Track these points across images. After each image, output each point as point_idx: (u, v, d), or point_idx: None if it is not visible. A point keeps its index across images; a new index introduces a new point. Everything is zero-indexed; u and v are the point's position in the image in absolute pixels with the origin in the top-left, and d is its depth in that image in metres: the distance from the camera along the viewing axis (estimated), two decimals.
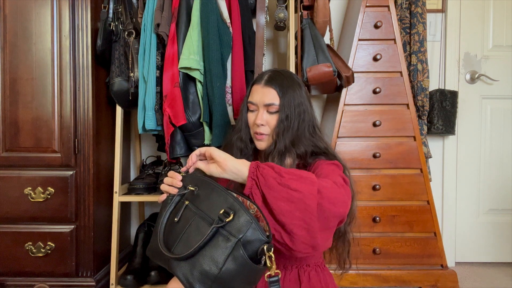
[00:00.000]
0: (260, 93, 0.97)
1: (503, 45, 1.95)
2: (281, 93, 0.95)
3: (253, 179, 0.76)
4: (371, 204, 1.57)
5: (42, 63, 1.39)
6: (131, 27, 1.45)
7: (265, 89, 0.96)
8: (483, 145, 1.97)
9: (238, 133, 1.02)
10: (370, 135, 1.58)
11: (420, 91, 1.74)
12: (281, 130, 0.94)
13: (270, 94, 0.95)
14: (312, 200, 0.72)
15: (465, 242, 1.97)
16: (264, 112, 0.96)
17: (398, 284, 1.56)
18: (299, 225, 0.72)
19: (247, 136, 1.02)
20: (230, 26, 1.37)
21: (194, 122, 1.35)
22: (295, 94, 0.96)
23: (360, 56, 1.59)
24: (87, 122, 1.41)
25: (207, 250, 0.72)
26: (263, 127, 0.96)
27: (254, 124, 0.98)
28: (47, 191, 1.40)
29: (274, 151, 0.94)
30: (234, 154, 1.00)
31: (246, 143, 1.01)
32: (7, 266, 1.41)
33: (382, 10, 1.59)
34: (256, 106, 0.98)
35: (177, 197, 0.83)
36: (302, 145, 0.95)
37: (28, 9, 1.38)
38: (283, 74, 0.99)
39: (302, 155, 0.95)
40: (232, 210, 0.72)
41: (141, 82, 1.40)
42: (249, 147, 1.02)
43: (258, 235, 0.70)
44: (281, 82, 0.96)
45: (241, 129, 1.02)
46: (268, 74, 0.99)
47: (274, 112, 0.95)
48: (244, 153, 1.01)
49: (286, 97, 0.94)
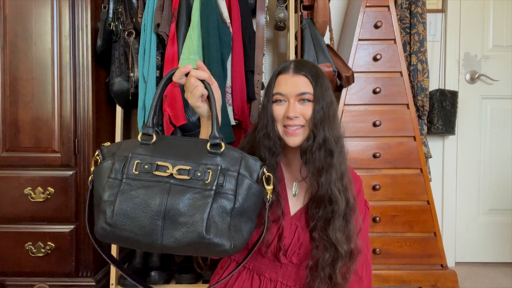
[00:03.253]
0: (290, 82, 0.88)
1: (503, 45, 1.95)
2: (314, 81, 0.87)
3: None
4: (371, 204, 1.57)
5: (42, 63, 1.39)
6: (131, 27, 1.45)
7: (296, 77, 0.88)
8: (483, 145, 1.97)
9: (263, 129, 0.90)
10: (370, 135, 1.58)
11: (420, 91, 1.74)
12: (318, 120, 0.86)
13: (302, 82, 0.87)
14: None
15: (465, 242, 1.97)
16: (296, 103, 0.87)
17: (398, 284, 1.56)
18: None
19: (274, 133, 0.90)
20: (230, 26, 1.37)
21: (194, 122, 1.35)
22: (325, 83, 0.89)
23: (360, 56, 1.59)
24: (87, 122, 1.41)
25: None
26: (297, 119, 0.86)
27: (284, 117, 0.88)
28: (47, 191, 1.40)
29: (313, 144, 0.85)
30: (262, 153, 0.90)
31: (274, 140, 0.90)
32: (7, 266, 1.41)
33: (382, 10, 1.59)
34: (285, 98, 0.88)
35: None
36: (338, 139, 0.88)
37: (28, 9, 1.38)
38: (308, 63, 0.91)
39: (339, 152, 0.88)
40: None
41: (141, 82, 1.40)
42: (277, 144, 0.90)
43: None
44: (311, 70, 0.89)
45: (267, 125, 0.90)
46: (293, 63, 0.91)
47: (308, 102, 0.87)
48: (273, 151, 0.90)
49: (319, 85, 0.87)
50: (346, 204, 0.87)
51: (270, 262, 0.94)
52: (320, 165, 0.86)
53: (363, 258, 0.91)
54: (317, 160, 0.86)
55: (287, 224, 0.92)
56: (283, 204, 0.93)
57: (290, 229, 0.91)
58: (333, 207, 0.85)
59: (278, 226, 0.90)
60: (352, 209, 0.88)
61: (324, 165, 0.86)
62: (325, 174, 0.86)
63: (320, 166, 0.86)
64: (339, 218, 0.86)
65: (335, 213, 0.85)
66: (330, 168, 0.86)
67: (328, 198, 0.86)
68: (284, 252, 0.91)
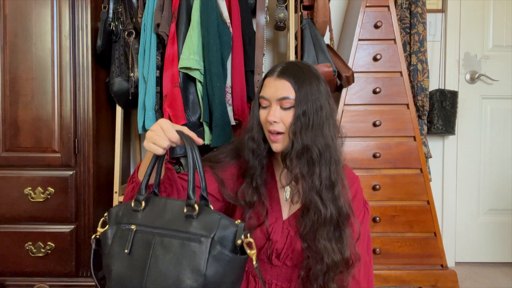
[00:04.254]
0: (273, 86, 0.85)
1: (503, 45, 1.95)
2: (297, 85, 0.83)
3: None
4: (371, 204, 1.57)
5: (42, 63, 1.39)
6: (131, 27, 1.45)
7: (278, 81, 0.85)
8: (483, 145, 1.97)
9: (249, 132, 0.91)
10: (370, 135, 1.58)
11: (420, 91, 1.74)
12: (298, 127, 0.83)
13: (283, 87, 0.84)
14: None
15: (465, 242, 1.97)
16: (277, 107, 0.85)
17: (398, 284, 1.56)
18: None
19: (259, 136, 0.90)
20: (230, 26, 1.37)
21: (194, 122, 1.35)
22: (312, 87, 0.84)
23: (360, 56, 1.59)
24: (87, 122, 1.41)
25: (184, 263, 0.65)
26: (277, 124, 0.85)
27: (266, 121, 0.86)
28: (47, 191, 1.40)
29: (292, 151, 0.83)
30: (246, 155, 0.91)
31: (258, 143, 0.90)
32: (7, 266, 1.41)
33: (382, 10, 1.59)
34: (268, 102, 0.86)
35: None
36: (325, 147, 0.84)
37: (28, 9, 1.38)
38: (298, 66, 0.88)
39: (326, 161, 0.84)
40: (194, 206, 0.68)
41: (141, 82, 1.40)
42: (262, 147, 0.90)
43: (230, 226, 0.67)
44: (296, 74, 0.85)
45: (252, 128, 0.90)
46: (281, 66, 0.88)
47: (289, 108, 0.84)
48: (257, 154, 0.90)
49: (303, 90, 0.83)
50: (338, 214, 0.84)
51: (264, 264, 0.94)
52: (299, 173, 0.84)
53: (362, 262, 0.89)
54: (296, 168, 0.84)
55: (278, 228, 0.91)
56: (275, 207, 0.93)
57: (282, 233, 0.91)
58: (317, 217, 0.83)
59: (263, 230, 0.90)
60: (346, 218, 0.85)
61: (303, 173, 0.84)
62: (305, 182, 0.84)
63: (299, 174, 0.84)
64: (326, 228, 0.84)
65: (320, 222, 0.83)
66: (311, 176, 0.83)
67: (310, 206, 0.84)
68: (276, 255, 0.91)
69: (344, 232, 0.85)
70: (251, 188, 0.90)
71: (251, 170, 0.91)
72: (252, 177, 0.90)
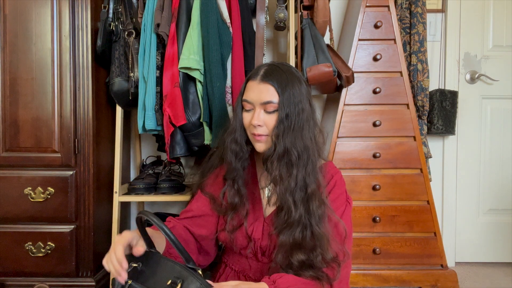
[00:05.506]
0: (256, 90, 0.87)
1: (503, 45, 1.95)
2: (280, 89, 0.85)
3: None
4: (371, 204, 1.57)
5: (42, 63, 1.39)
6: (131, 27, 1.45)
7: (262, 85, 0.86)
8: (483, 145, 1.97)
9: (232, 134, 0.93)
10: (370, 135, 1.58)
11: (420, 91, 1.74)
12: (281, 131, 0.85)
13: (267, 91, 0.86)
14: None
15: (465, 242, 1.97)
16: (261, 111, 0.87)
17: (398, 284, 1.56)
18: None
19: (242, 138, 0.92)
20: (230, 26, 1.37)
21: (194, 122, 1.35)
22: (295, 90, 0.86)
23: (360, 56, 1.59)
24: (87, 122, 1.41)
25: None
26: (261, 128, 0.87)
27: (250, 125, 0.89)
28: (47, 191, 1.40)
29: (273, 154, 0.86)
30: (228, 157, 0.93)
31: (241, 145, 0.92)
32: (7, 266, 1.41)
33: (382, 10, 1.59)
34: (252, 105, 0.88)
35: None
36: (303, 149, 0.86)
37: (28, 9, 1.38)
38: (281, 68, 0.89)
39: (303, 162, 0.87)
40: (180, 278, 0.69)
41: (141, 82, 1.40)
42: (244, 150, 0.93)
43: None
44: (279, 77, 0.86)
45: (235, 130, 0.92)
46: (264, 69, 0.90)
47: (272, 112, 0.86)
48: (240, 156, 0.93)
49: (286, 94, 0.85)
50: (309, 214, 0.86)
51: (253, 262, 0.96)
52: (278, 175, 0.86)
53: None
54: (275, 170, 0.86)
55: (259, 226, 0.94)
56: (256, 206, 0.95)
57: (264, 231, 0.93)
58: (288, 216, 0.85)
59: (242, 230, 0.93)
60: (320, 217, 0.86)
61: (282, 174, 0.86)
62: (282, 184, 0.86)
63: (278, 175, 0.86)
64: (297, 228, 0.85)
65: (290, 222, 0.85)
66: (288, 178, 0.86)
67: (285, 208, 0.86)
68: (262, 253, 0.93)
69: (317, 231, 0.85)
70: (233, 190, 0.93)
71: (233, 173, 0.93)
72: (234, 179, 0.93)
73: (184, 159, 1.86)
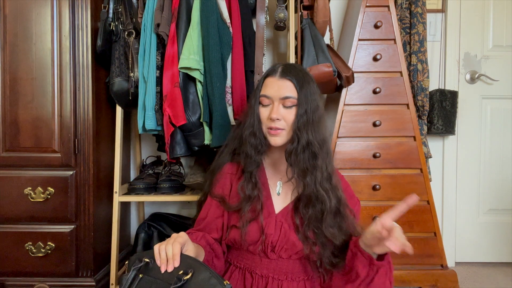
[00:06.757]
0: (276, 86, 0.92)
1: (503, 45, 1.95)
2: (298, 86, 0.91)
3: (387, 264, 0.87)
4: (371, 204, 1.57)
5: (42, 63, 1.39)
6: (131, 27, 1.44)
7: (281, 81, 0.92)
8: (483, 145, 1.97)
9: (250, 128, 0.95)
10: (370, 135, 1.58)
11: (420, 91, 1.74)
12: (302, 124, 0.90)
13: (286, 86, 0.91)
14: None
15: (465, 242, 1.97)
16: (280, 106, 0.91)
17: (398, 284, 1.56)
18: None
19: (260, 132, 0.95)
20: (230, 26, 1.37)
21: (194, 122, 1.35)
22: (311, 88, 0.92)
23: (360, 56, 1.59)
24: (87, 122, 1.41)
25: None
26: (279, 122, 0.91)
27: (268, 119, 0.92)
28: (47, 191, 1.40)
29: (298, 147, 0.89)
30: (248, 151, 0.95)
31: (260, 139, 0.95)
32: (7, 266, 1.41)
33: (382, 10, 1.59)
34: (270, 100, 0.93)
35: (133, 271, 0.80)
36: (323, 142, 0.92)
37: (28, 9, 1.38)
38: (296, 67, 0.95)
39: (324, 154, 0.92)
40: (191, 268, 0.71)
41: (141, 82, 1.40)
42: (263, 143, 0.95)
43: (217, 285, 0.70)
44: (297, 75, 0.92)
45: (253, 125, 0.95)
46: (281, 66, 0.95)
47: (291, 106, 0.91)
48: (259, 150, 0.95)
49: (304, 90, 0.90)
50: (338, 201, 0.93)
51: (260, 258, 0.97)
52: (304, 167, 0.91)
53: None
54: (302, 162, 0.91)
55: (272, 222, 0.95)
56: (267, 202, 0.97)
57: (276, 226, 0.95)
58: (322, 206, 0.90)
59: (259, 224, 0.94)
60: (344, 205, 0.94)
61: (308, 166, 0.91)
62: (309, 175, 0.91)
63: (304, 167, 0.91)
64: (330, 215, 0.91)
65: (325, 211, 0.90)
66: (314, 169, 0.91)
67: (315, 198, 0.91)
68: (272, 249, 0.94)
69: (345, 217, 0.92)
70: (251, 183, 0.96)
71: (252, 166, 0.96)
72: (252, 172, 0.96)
73: (184, 159, 1.86)
